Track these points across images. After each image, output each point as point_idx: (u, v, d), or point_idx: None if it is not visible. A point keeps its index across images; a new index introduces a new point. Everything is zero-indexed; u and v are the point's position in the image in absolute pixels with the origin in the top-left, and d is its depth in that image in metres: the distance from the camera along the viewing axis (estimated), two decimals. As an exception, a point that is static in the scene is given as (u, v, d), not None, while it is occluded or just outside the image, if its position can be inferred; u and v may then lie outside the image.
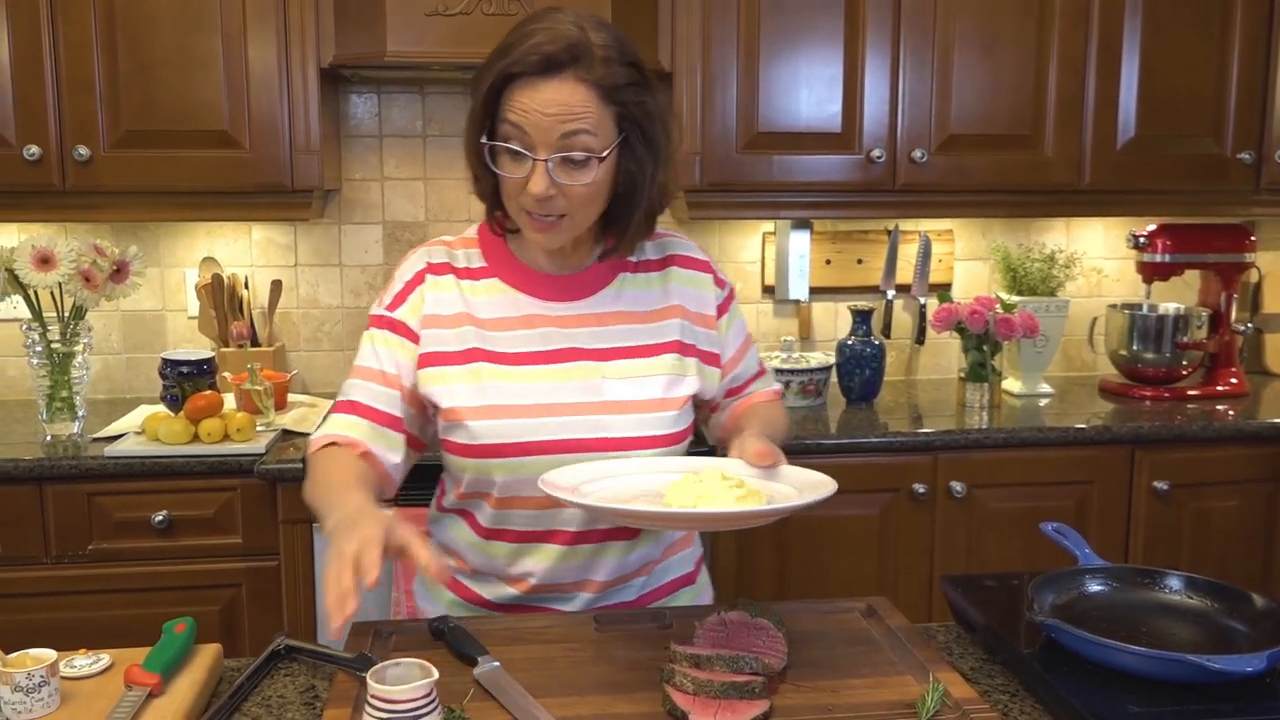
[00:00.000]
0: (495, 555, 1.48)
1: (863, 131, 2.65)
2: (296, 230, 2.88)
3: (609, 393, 1.43)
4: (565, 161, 1.32)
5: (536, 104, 1.30)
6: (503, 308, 1.45)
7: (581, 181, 1.33)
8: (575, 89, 1.31)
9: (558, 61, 1.30)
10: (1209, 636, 1.27)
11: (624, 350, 1.46)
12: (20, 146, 2.42)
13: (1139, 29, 2.69)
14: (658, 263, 1.53)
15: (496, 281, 1.47)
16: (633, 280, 1.51)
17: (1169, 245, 2.85)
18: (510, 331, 1.44)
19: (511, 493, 1.43)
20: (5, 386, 2.86)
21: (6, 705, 1.13)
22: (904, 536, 2.52)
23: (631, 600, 1.52)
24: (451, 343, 1.43)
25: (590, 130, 1.32)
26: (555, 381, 1.42)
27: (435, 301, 1.45)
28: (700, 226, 2.99)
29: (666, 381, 1.46)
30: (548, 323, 1.45)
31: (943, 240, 3.06)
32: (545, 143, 1.31)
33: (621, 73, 1.34)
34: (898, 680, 1.22)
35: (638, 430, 1.43)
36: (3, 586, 2.27)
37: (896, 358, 3.11)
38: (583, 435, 1.41)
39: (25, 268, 2.32)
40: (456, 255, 1.49)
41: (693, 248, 1.57)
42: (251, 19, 2.45)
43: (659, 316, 1.50)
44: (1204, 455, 2.58)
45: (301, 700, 1.24)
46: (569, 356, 1.44)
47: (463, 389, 1.41)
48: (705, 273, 1.55)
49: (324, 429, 1.44)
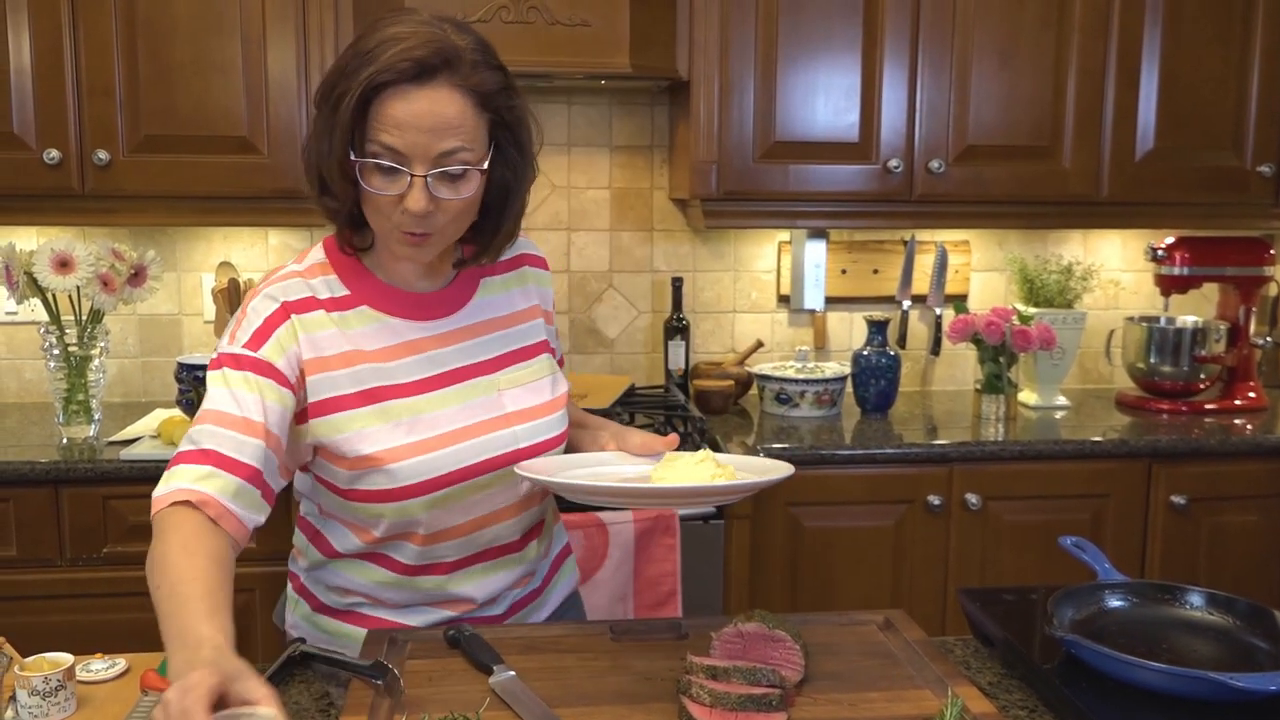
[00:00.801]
0: (424, 587, 1.44)
1: (880, 141, 2.65)
2: (313, 235, 2.89)
3: (508, 404, 1.42)
4: (443, 176, 1.26)
5: (410, 116, 1.22)
6: (382, 336, 1.36)
7: (461, 195, 1.28)
8: (451, 97, 1.24)
9: (430, 67, 1.22)
10: (1231, 654, 1.26)
11: (506, 358, 1.45)
12: (40, 150, 2.43)
13: (1158, 40, 2.68)
14: (509, 263, 1.50)
15: (366, 309, 1.37)
16: (491, 284, 1.48)
17: (1187, 258, 2.83)
18: (399, 360, 1.36)
19: (440, 525, 1.39)
20: (22, 389, 2.87)
21: (23, 709, 1.13)
22: (918, 548, 2.51)
23: (540, 586, 1.56)
24: (345, 385, 1.33)
25: (467, 143, 1.25)
26: (457, 404, 1.38)
27: (312, 343, 1.32)
28: (716, 235, 2.99)
29: (550, 382, 1.48)
30: (428, 345, 1.39)
31: (959, 251, 3.05)
32: (422, 158, 1.24)
33: (491, 77, 1.27)
34: (916, 694, 1.21)
35: (540, 435, 1.43)
36: (18, 589, 2.28)
37: (912, 368, 3.10)
38: (496, 452, 1.39)
39: (44, 271, 2.33)
40: (315, 286, 1.36)
41: (533, 245, 1.56)
42: (271, 25, 2.46)
43: (525, 317, 1.49)
44: (1222, 469, 2.57)
45: (317, 707, 1.24)
46: (461, 376, 1.40)
47: (375, 431, 1.32)
48: (546, 269, 1.56)
49: (174, 482, 1.21)
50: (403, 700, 1.18)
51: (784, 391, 2.74)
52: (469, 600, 1.46)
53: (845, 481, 2.47)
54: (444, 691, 1.21)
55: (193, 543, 1.15)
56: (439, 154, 1.24)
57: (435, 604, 1.45)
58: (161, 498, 1.20)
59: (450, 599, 1.45)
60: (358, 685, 1.22)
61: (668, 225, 2.99)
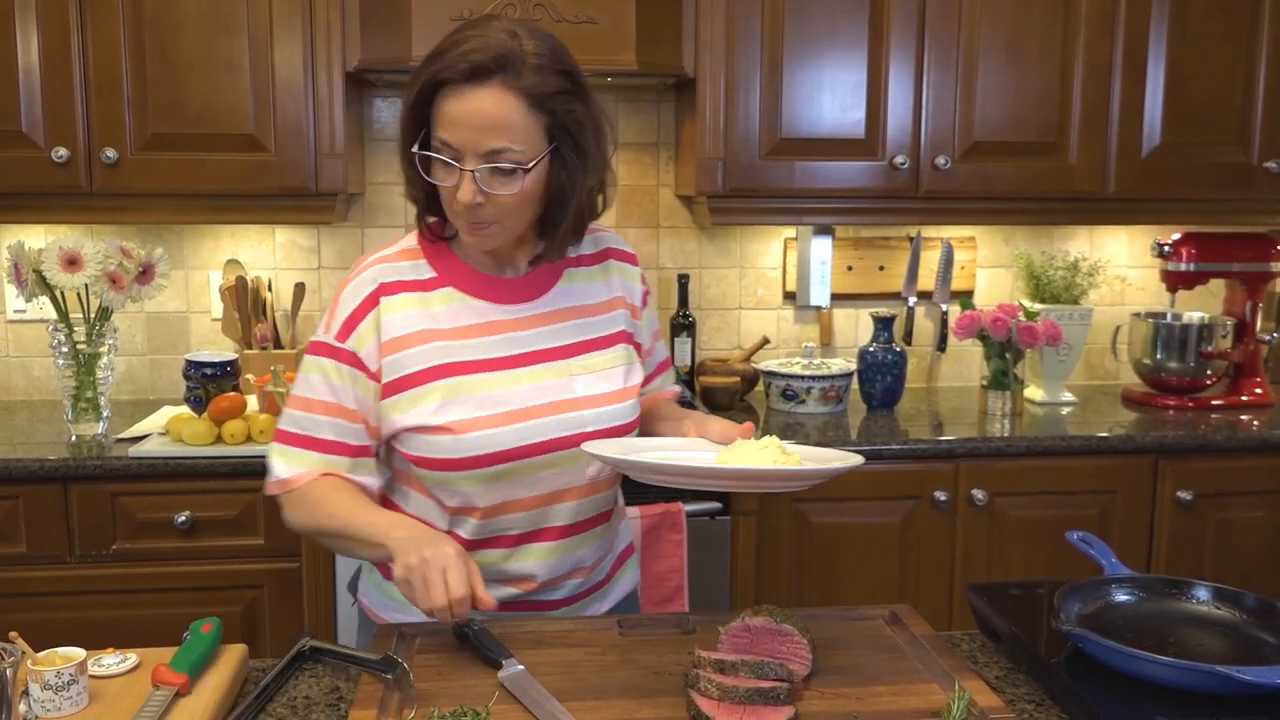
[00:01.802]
0: (485, 562, 1.45)
1: (886, 138, 2.65)
2: (320, 233, 2.90)
3: (579, 389, 1.46)
4: (494, 171, 1.33)
5: (462, 114, 1.31)
6: (463, 316, 1.45)
7: (509, 191, 1.34)
8: (502, 98, 1.31)
9: (485, 69, 1.30)
10: (1237, 648, 1.26)
11: (583, 345, 1.49)
12: (49, 149, 2.44)
13: (1165, 36, 2.67)
14: (595, 256, 1.56)
15: (452, 290, 1.46)
16: (575, 274, 1.53)
17: (1194, 254, 2.83)
18: (476, 339, 1.44)
19: (500, 499, 1.43)
20: (31, 387, 2.88)
21: (36, 703, 1.13)
22: (925, 544, 2.51)
23: (603, 579, 1.58)
24: (418, 362, 1.41)
25: (515, 143, 1.32)
26: (529, 384, 1.44)
27: (392, 325, 1.42)
28: (722, 232, 2.99)
29: (624, 371, 1.51)
30: (507, 327, 1.46)
31: (965, 247, 3.05)
32: (472, 153, 1.32)
33: (552, 81, 1.33)
34: (923, 688, 1.22)
35: (608, 422, 1.47)
36: (27, 585, 2.29)
37: (918, 365, 3.10)
38: (562, 434, 1.43)
39: (53, 269, 2.34)
40: (403, 269, 1.46)
41: (622, 241, 1.61)
42: (278, 23, 2.46)
43: (606, 308, 1.54)
44: (1228, 465, 2.56)
45: (326, 701, 1.24)
46: (535, 359, 1.46)
47: (441, 405, 1.39)
48: (634, 266, 1.60)
49: (296, 466, 1.41)
50: (412, 694, 1.19)
51: (790, 388, 2.74)
52: (530, 579, 1.48)
53: (851, 478, 2.43)
54: (453, 685, 1.22)
55: (339, 487, 1.40)
56: (487, 151, 1.32)
57: (496, 580, 1.46)
58: (293, 478, 1.41)
59: (510, 577, 1.47)
60: (367, 679, 1.22)
61: (674, 222, 3.00)
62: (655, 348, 1.64)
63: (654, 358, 1.64)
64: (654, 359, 1.64)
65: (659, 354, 1.66)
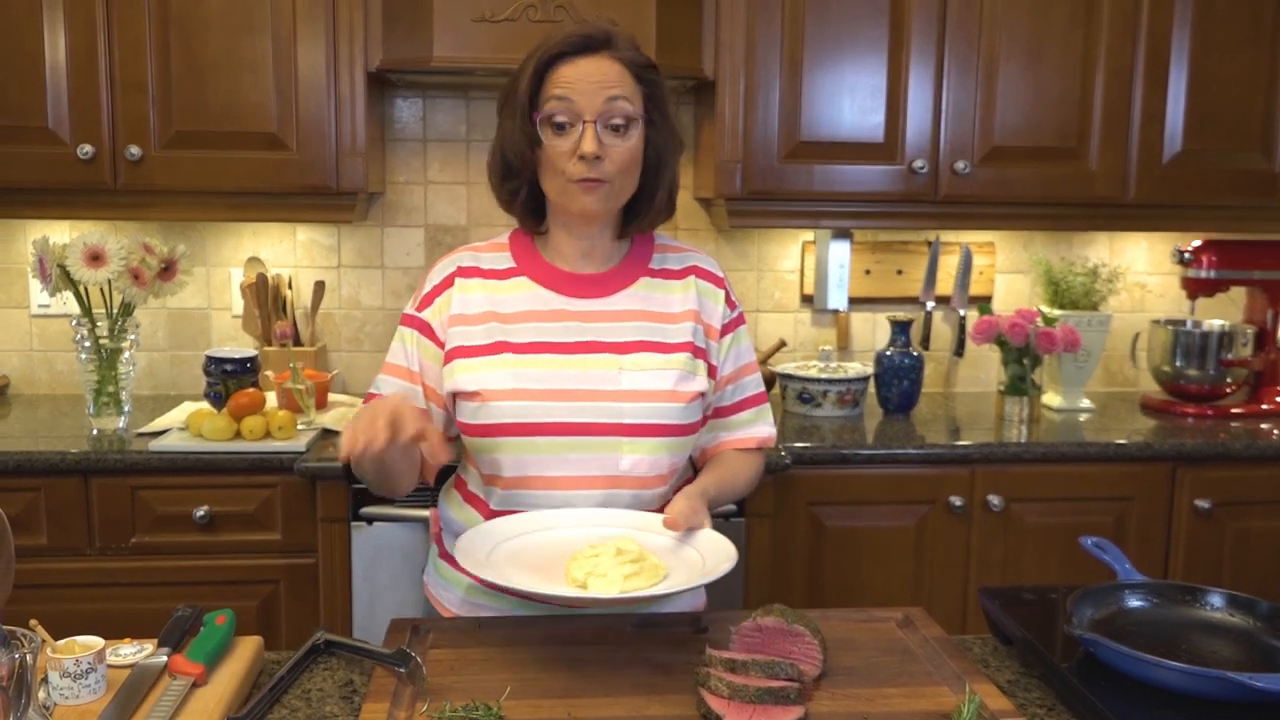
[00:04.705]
0: None
1: (905, 142, 2.64)
2: (340, 232, 2.92)
3: (625, 382, 1.50)
4: (608, 127, 1.45)
5: (579, 75, 1.45)
6: (529, 303, 1.54)
7: (626, 143, 1.46)
8: (612, 64, 1.47)
9: (595, 41, 1.47)
10: (1251, 655, 1.26)
11: (642, 345, 1.53)
12: (74, 145, 2.47)
13: (1187, 41, 2.66)
14: (679, 272, 1.61)
15: (525, 280, 1.56)
16: (652, 284, 1.58)
17: (1215, 261, 2.82)
18: (534, 324, 1.52)
19: (526, 471, 1.48)
20: (54, 381, 2.91)
21: (55, 690, 1.15)
22: (940, 549, 2.50)
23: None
24: (478, 338, 1.52)
25: (628, 97, 1.46)
26: (575, 370, 1.50)
27: (462, 303, 1.54)
28: (740, 235, 3.00)
29: (678, 376, 1.52)
30: (571, 317, 1.53)
31: (983, 252, 3.04)
32: (591, 107, 1.44)
33: (643, 57, 1.50)
34: (934, 690, 1.22)
35: (650, 418, 1.49)
36: (48, 577, 2.31)
37: (935, 369, 3.10)
38: (598, 420, 1.48)
39: (76, 264, 2.36)
40: (483, 258, 1.58)
41: (714, 264, 1.65)
42: (301, 22, 2.48)
43: (676, 319, 1.56)
44: (1247, 474, 2.55)
45: (340, 695, 1.25)
46: (590, 349, 1.51)
47: (488, 374, 1.49)
48: (720, 288, 1.63)
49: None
50: (425, 688, 1.20)
51: (807, 391, 2.74)
52: None
53: (867, 481, 2.47)
54: (465, 680, 1.22)
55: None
56: (604, 101, 1.44)
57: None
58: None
59: None
60: (381, 672, 1.23)
61: (692, 224, 3.00)
62: (743, 382, 1.64)
63: (740, 391, 1.64)
64: (740, 392, 1.64)
65: (747, 389, 1.64)
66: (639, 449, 1.49)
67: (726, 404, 1.63)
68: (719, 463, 1.62)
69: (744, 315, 1.65)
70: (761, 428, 1.66)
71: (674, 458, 1.54)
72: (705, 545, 1.40)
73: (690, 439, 1.56)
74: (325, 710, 1.22)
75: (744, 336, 1.64)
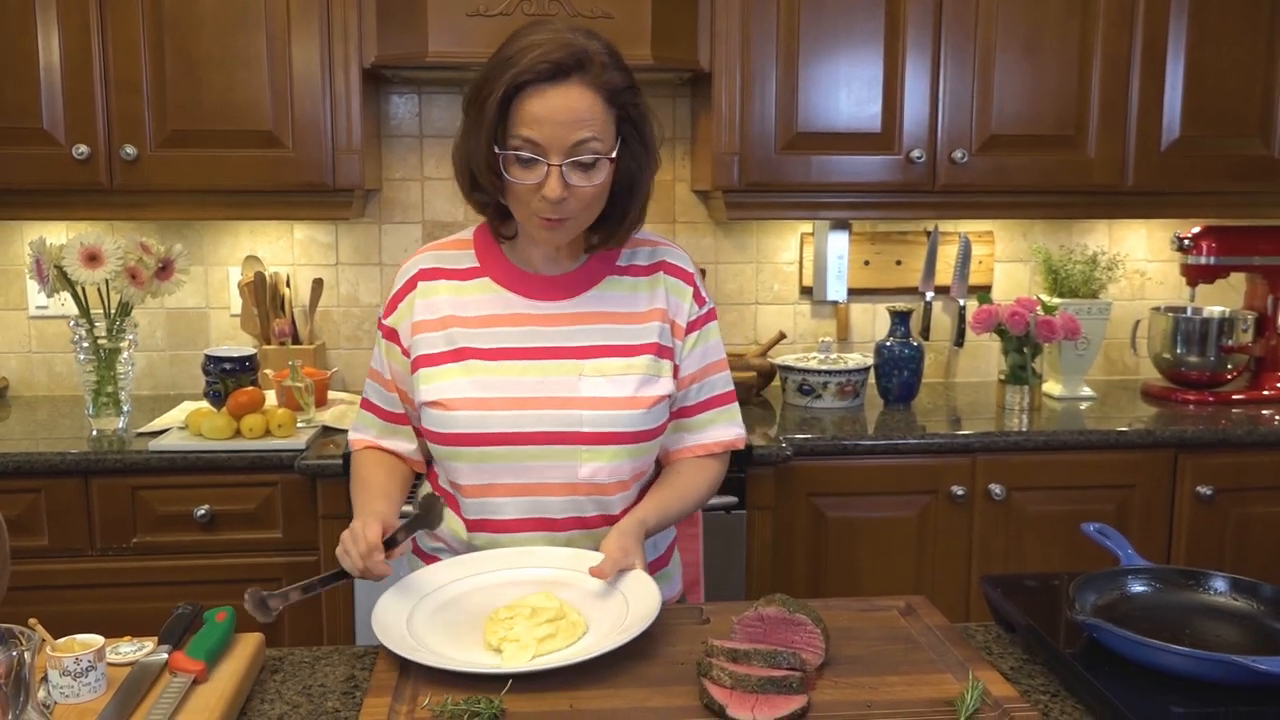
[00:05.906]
0: (478, 545, 1.51)
1: (902, 132, 2.64)
2: (338, 229, 2.91)
3: (585, 389, 1.47)
4: (576, 165, 1.38)
5: (547, 111, 1.36)
6: (491, 306, 1.52)
7: (593, 182, 1.40)
8: (583, 94, 1.37)
9: (565, 68, 1.36)
10: (1254, 638, 1.25)
11: (603, 349, 1.50)
12: (70, 146, 2.46)
13: (1184, 28, 2.65)
14: (647, 268, 1.57)
15: (487, 281, 1.53)
16: (618, 283, 1.54)
17: (1214, 247, 2.81)
18: (495, 328, 1.50)
19: (487, 480, 1.48)
20: (53, 382, 2.91)
21: (55, 689, 1.15)
22: (942, 538, 2.50)
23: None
24: (440, 344, 1.50)
25: (598, 134, 1.39)
26: (535, 376, 1.48)
27: (425, 307, 1.53)
28: (738, 227, 2.99)
29: (639, 381, 1.49)
30: (533, 320, 1.51)
31: (982, 241, 3.04)
32: (558, 149, 1.37)
33: (619, 77, 1.41)
34: (937, 678, 1.21)
35: (609, 426, 1.47)
36: (49, 578, 2.31)
37: (935, 360, 3.09)
38: (555, 428, 1.46)
39: (74, 264, 2.36)
40: (446, 257, 1.56)
41: (684, 259, 1.60)
42: (295, 20, 2.48)
43: (641, 319, 1.53)
44: (1248, 460, 2.55)
45: (341, 690, 1.25)
46: (550, 354, 1.49)
47: (454, 382, 1.48)
48: (688, 285, 1.57)
49: (354, 429, 1.64)
50: (424, 683, 1.19)
51: (807, 383, 2.74)
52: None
53: (868, 472, 2.47)
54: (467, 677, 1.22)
55: (371, 462, 1.58)
56: (573, 144, 1.37)
57: None
58: (353, 440, 1.64)
59: None
60: (382, 667, 1.23)
61: (690, 217, 3.00)
62: (709, 381, 1.58)
63: (706, 390, 1.58)
64: (706, 391, 1.58)
65: (714, 388, 1.59)
66: (598, 457, 1.47)
67: (690, 403, 1.58)
68: (668, 480, 1.56)
69: (715, 312, 1.60)
70: (726, 429, 1.60)
71: (636, 463, 1.51)
72: (633, 590, 1.35)
73: (653, 443, 1.52)
74: (327, 705, 1.21)
75: (712, 334, 1.59)
